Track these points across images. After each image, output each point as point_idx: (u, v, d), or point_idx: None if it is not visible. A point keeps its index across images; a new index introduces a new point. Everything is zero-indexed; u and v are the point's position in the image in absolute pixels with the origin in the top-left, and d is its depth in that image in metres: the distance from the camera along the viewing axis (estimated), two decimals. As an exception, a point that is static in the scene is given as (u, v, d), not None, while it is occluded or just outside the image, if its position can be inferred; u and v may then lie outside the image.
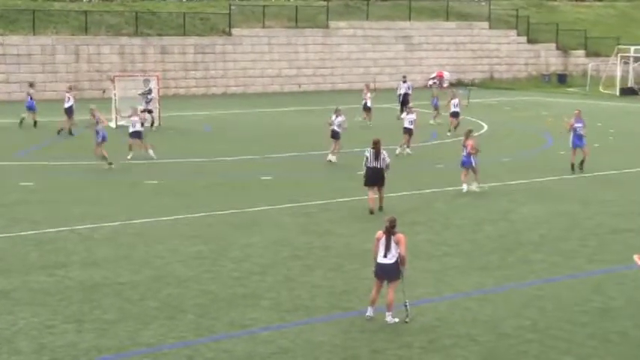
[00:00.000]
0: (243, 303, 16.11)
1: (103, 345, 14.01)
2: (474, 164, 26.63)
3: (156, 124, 41.43)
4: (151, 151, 32.57)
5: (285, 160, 33.28)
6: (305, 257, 19.30)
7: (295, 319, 15.31)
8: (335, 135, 32.14)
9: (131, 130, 32.55)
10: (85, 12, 59.95)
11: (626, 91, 62.33)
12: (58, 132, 39.08)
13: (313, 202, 25.03)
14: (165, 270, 18.26)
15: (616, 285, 17.30)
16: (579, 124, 30.14)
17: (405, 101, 47.63)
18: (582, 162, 30.14)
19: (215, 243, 20.42)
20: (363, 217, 23.20)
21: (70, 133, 39.06)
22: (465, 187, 26.51)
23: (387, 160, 23.91)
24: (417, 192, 26.67)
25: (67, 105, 39.62)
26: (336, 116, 32.39)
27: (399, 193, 26.11)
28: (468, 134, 27.37)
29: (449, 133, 39.37)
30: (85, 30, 58.73)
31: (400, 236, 14.96)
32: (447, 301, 16.36)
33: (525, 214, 23.89)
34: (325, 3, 67.88)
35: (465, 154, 26.72)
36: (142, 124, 32.96)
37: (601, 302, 16.17)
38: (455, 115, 40.30)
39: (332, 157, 31.90)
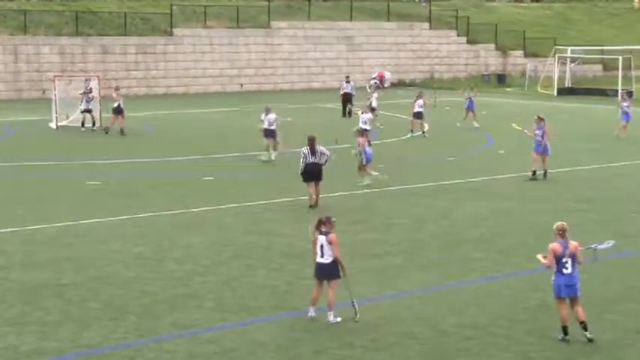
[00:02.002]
0: (185, 303, 16.10)
1: (45, 347, 13.91)
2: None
3: (97, 124, 41.06)
4: None
5: (227, 160, 33.23)
6: (247, 257, 19.32)
7: (238, 319, 15.34)
8: (268, 133, 32.09)
9: None
10: (24, 11, 59.24)
11: (564, 91, 63.31)
12: (106, 131, 39.38)
13: (255, 202, 25.06)
14: (107, 271, 18.17)
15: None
16: (538, 131, 29.04)
17: (346, 101, 47.87)
18: (545, 172, 29.00)
19: (157, 243, 20.36)
20: (304, 216, 23.25)
21: (122, 133, 39.33)
22: (374, 174, 27.28)
23: (327, 153, 24.44)
24: (359, 191, 26.81)
25: (115, 105, 39.77)
26: (266, 114, 32.29)
27: (341, 193, 26.26)
28: (361, 133, 27.98)
29: (410, 135, 39.26)
30: (24, 30, 58.06)
31: (332, 237, 14.96)
32: (388, 299, 16.50)
33: (466, 212, 24.14)
34: (266, 3, 67.87)
35: (367, 150, 27.09)
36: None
37: (539, 299, 16.40)
38: (418, 115, 39.46)
39: (265, 157, 31.89)
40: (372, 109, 43.15)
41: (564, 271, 14.12)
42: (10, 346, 13.97)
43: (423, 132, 39.56)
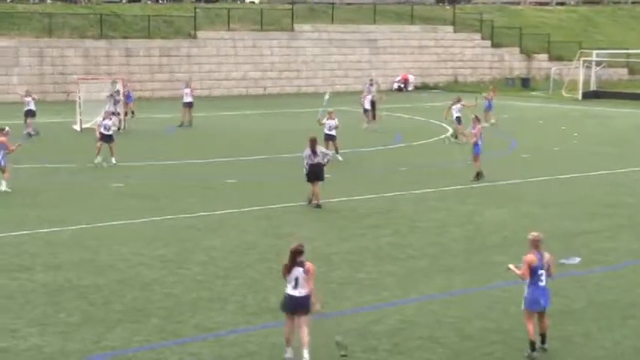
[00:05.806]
0: (208, 306, 16.10)
1: (68, 349, 13.96)
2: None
3: (122, 126, 41.12)
4: None
5: (249, 163, 33.27)
6: (270, 260, 19.29)
7: (261, 322, 15.34)
8: (106, 139, 31.86)
9: None
10: (49, 14, 59.54)
11: (589, 95, 62.99)
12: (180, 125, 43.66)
13: (277, 205, 25.05)
14: (129, 273, 18.21)
15: (578, 287, 17.46)
16: (476, 131, 29.20)
17: (371, 104, 47.79)
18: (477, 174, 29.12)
19: (180, 246, 20.39)
20: (326, 219, 23.26)
21: (183, 124, 43.65)
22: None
23: (328, 154, 25.20)
24: (382, 195, 26.76)
25: (186, 100, 44.07)
26: (103, 119, 32.59)
27: (363, 196, 26.21)
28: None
29: (453, 139, 38.56)
30: (49, 32, 58.36)
31: (310, 266, 13.57)
32: (412, 303, 16.45)
33: (489, 216, 24.05)
34: (290, 6, 67.93)
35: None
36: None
37: (563, 304, 16.32)
38: (458, 120, 38.61)
39: (97, 160, 31.55)
40: (365, 111, 43.34)
41: (540, 284, 13.91)
42: (34, 346, 14.03)
43: (457, 135, 38.70)
